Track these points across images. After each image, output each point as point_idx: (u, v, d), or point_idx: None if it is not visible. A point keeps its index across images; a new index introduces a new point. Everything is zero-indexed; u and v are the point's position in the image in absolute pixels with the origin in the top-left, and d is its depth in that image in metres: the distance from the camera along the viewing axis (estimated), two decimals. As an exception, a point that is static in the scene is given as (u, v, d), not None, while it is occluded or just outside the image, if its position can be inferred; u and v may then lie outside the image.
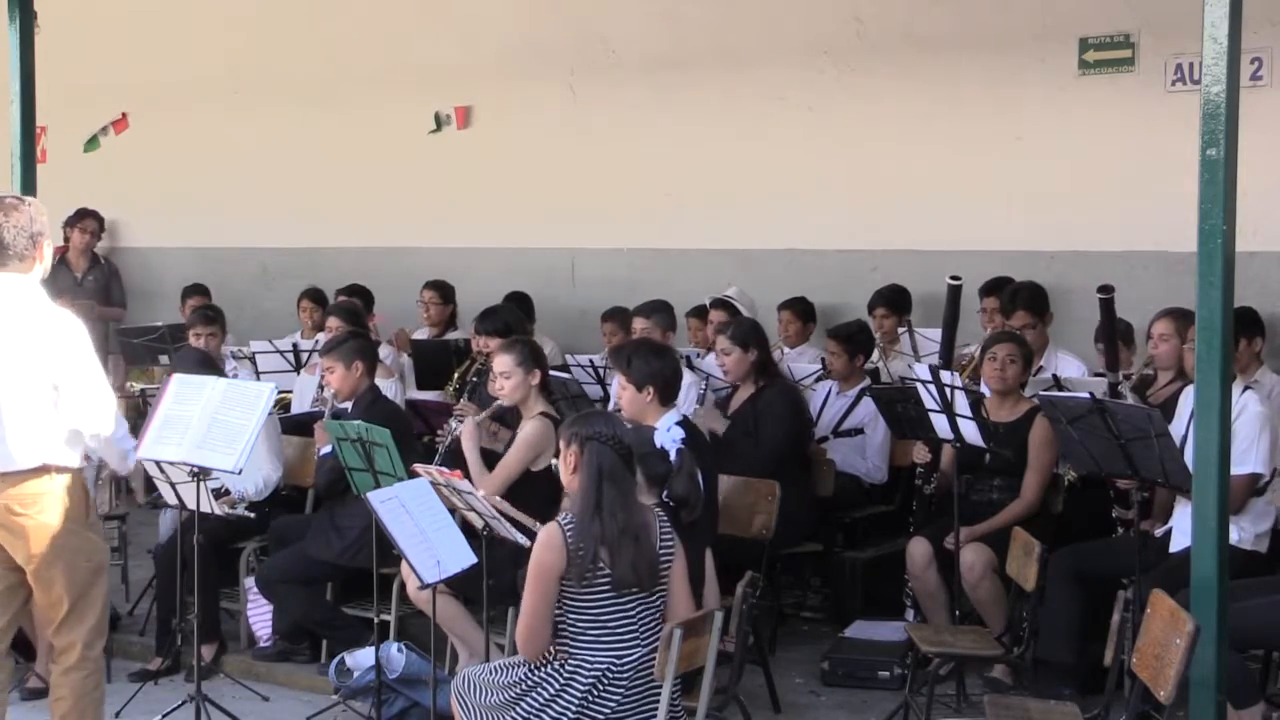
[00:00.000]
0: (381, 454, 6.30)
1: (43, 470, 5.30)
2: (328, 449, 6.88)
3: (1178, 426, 5.98)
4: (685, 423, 6.44)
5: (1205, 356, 4.94)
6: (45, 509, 5.30)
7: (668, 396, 6.39)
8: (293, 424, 8.01)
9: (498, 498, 5.83)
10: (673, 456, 5.55)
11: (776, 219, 9.81)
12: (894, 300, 8.92)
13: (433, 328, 9.94)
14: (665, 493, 5.43)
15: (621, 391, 6.40)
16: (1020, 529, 6.31)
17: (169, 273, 12.15)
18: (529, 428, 6.57)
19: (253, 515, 7.21)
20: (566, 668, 4.94)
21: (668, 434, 5.86)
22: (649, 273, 10.18)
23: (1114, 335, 6.86)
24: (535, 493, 6.25)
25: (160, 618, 7.30)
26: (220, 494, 7.01)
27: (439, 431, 7.06)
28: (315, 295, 10.26)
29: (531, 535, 5.34)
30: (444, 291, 9.98)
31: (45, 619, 5.52)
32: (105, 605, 5.58)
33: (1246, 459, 5.94)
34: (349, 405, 7.11)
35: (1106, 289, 6.74)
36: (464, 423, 6.74)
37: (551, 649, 5.01)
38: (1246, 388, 6.17)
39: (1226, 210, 4.85)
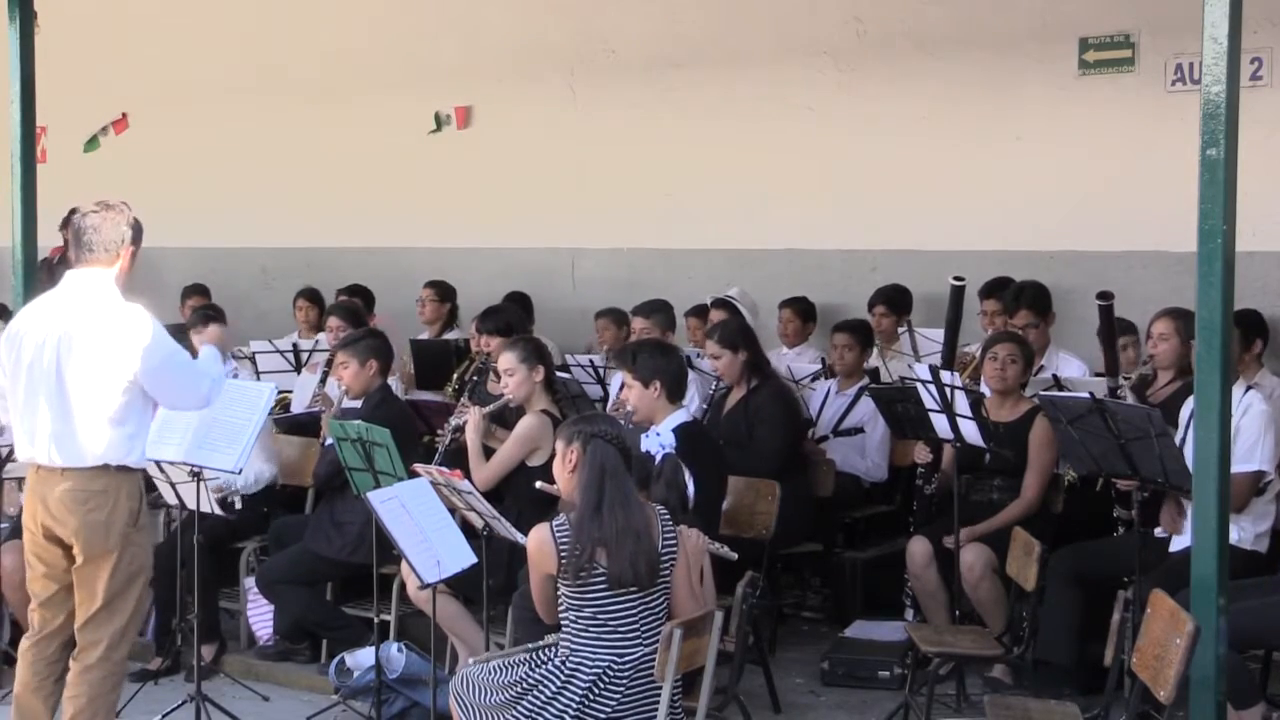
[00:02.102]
0: (381, 454, 6.29)
1: (104, 469, 5.36)
2: (331, 441, 6.87)
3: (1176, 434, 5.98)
4: (690, 425, 6.44)
5: (1205, 356, 4.94)
6: (100, 506, 5.35)
7: (675, 393, 6.41)
8: (293, 424, 8.01)
9: (476, 492, 5.81)
10: (657, 461, 5.53)
11: (776, 219, 9.81)
12: (894, 299, 8.92)
13: (429, 326, 9.94)
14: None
15: (628, 391, 6.40)
16: (1020, 529, 6.31)
17: (169, 273, 12.14)
18: (525, 422, 6.58)
19: (238, 506, 7.17)
20: (566, 666, 4.94)
21: (656, 439, 5.85)
22: (649, 273, 10.18)
23: (1114, 341, 6.86)
24: (531, 487, 6.23)
25: (160, 618, 7.30)
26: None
27: (439, 431, 7.06)
28: (311, 294, 10.27)
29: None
30: (442, 290, 9.98)
31: (78, 614, 5.51)
32: (138, 609, 5.59)
33: (1251, 457, 5.95)
34: (359, 403, 7.12)
35: (1106, 295, 6.74)
36: (470, 412, 6.73)
37: (552, 648, 5.03)
38: (1249, 387, 6.16)
39: (1226, 210, 4.85)
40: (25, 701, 5.53)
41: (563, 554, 4.90)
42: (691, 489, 5.55)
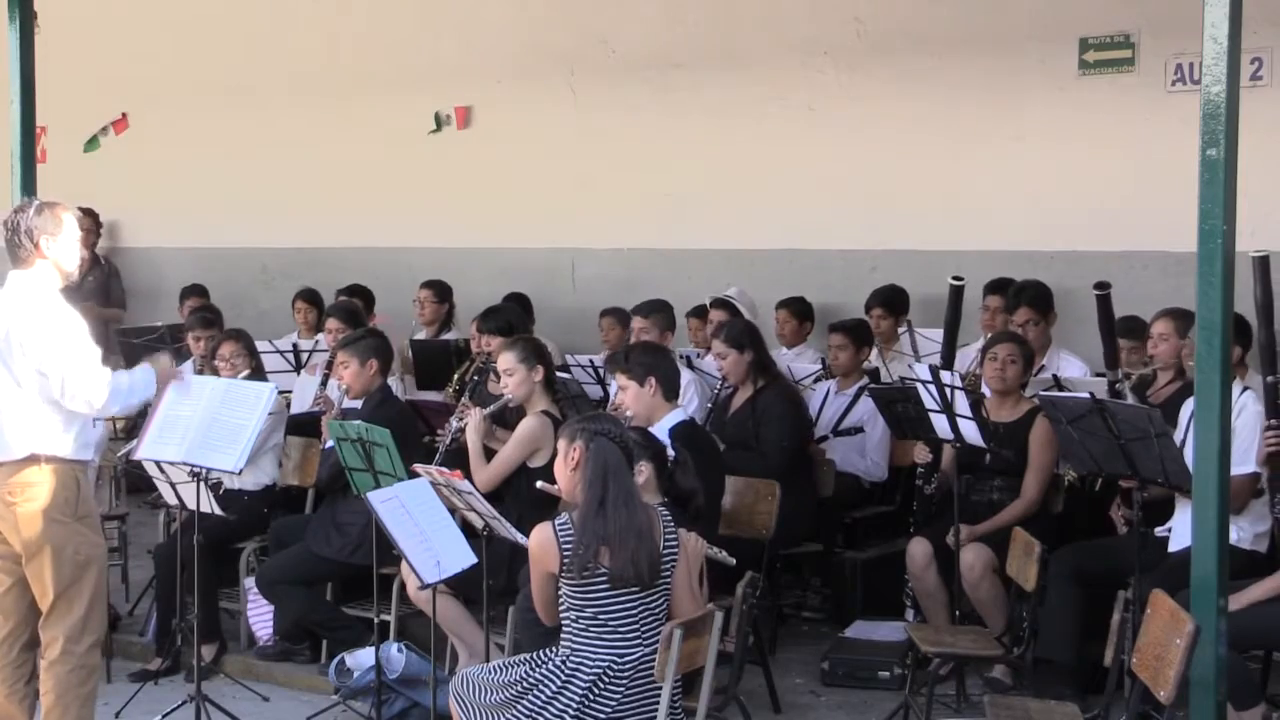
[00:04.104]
0: (381, 454, 6.30)
1: (32, 460, 5.39)
2: (332, 443, 6.87)
3: (1177, 434, 5.96)
4: (688, 424, 6.45)
5: (1205, 356, 4.94)
6: (34, 498, 5.39)
7: (671, 391, 6.42)
8: (293, 424, 8.01)
9: (477, 492, 5.80)
10: (670, 452, 5.55)
11: (776, 219, 9.82)
12: (891, 300, 8.92)
13: (427, 326, 9.94)
14: (665, 491, 5.42)
15: (623, 392, 6.40)
16: (1020, 529, 6.31)
17: (169, 273, 12.16)
18: (525, 424, 6.58)
19: (219, 480, 7.14)
20: (567, 666, 4.94)
21: (664, 432, 5.87)
22: (649, 273, 10.18)
23: (1112, 332, 6.85)
24: (531, 488, 6.24)
25: (160, 618, 7.31)
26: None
27: (439, 431, 7.06)
28: (309, 295, 10.26)
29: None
30: (439, 290, 9.97)
31: (40, 610, 5.54)
32: (96, 601, 5.59)
33: (1248, 459, 5.92)
34: (359, 403, 7.11)
35: (1103, 285, 6.73)
36: (471, 413, 6.73)
37: (552, 647, 5.03)
38: (1246, 388, 6.15)
39: (1226, 210, 4.85)
40: (1, 709, 5.53)
41: (565, 552, 4.90)
42: None
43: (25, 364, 5.38)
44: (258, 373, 7.69)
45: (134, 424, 8.07)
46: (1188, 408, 5.80)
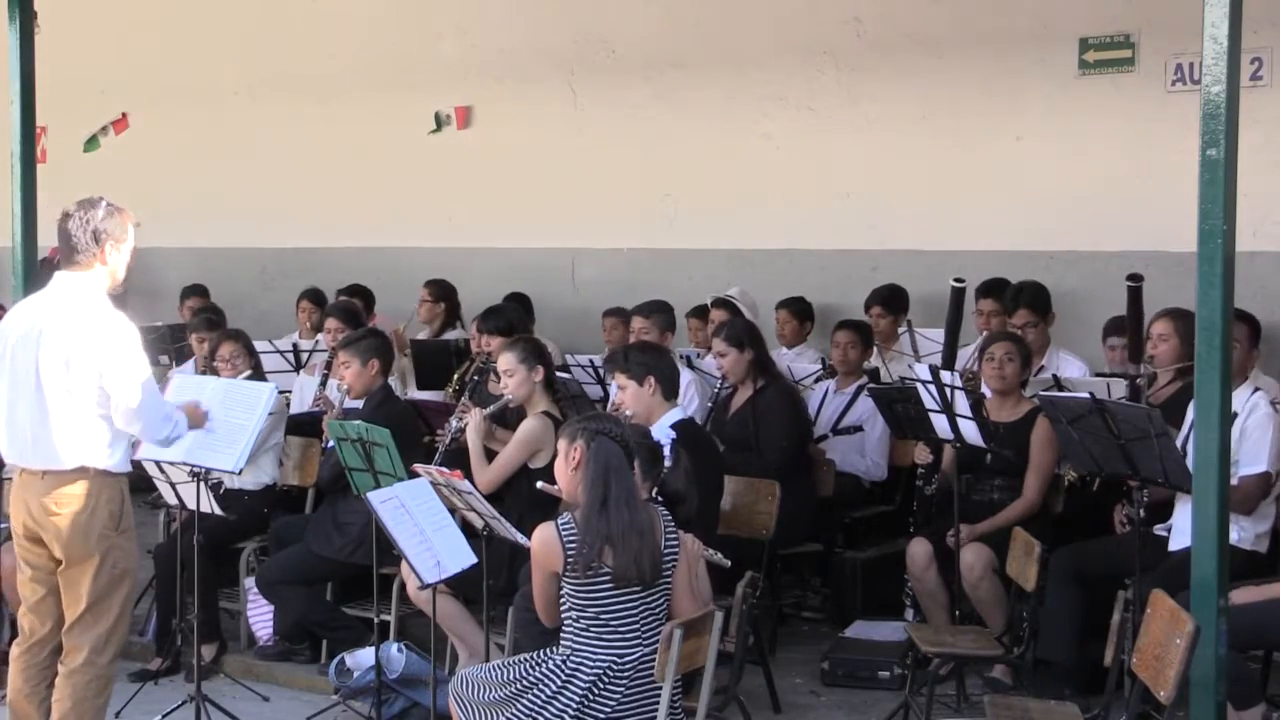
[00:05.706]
0: (381, 454, 6.30)
1: (82, 471, 5.33)
2: (333, 443, 6.87)
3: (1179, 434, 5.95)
4: (688, 424, 6.45)
5: (1205, 356, 4.94)
6: (80, 509, 5.33)
7: (670, 390, 6.42)
8: (293, 424, 8.01)
9: (477, 492, 5.79)
10: (667, 453, 5.55)
11: (776, 219, 9.82)
12: (890, 300, 8.93)
13: (427, 325, 9.93)
14: (656, 490, 5.41)
15: (622, 393, 6.41)
16: (1020, 529, 6.31)
17: (169, 273, 12.15)
18: (527, 425, 6.58)
19: (219, 480, 7.12)
20: (567, 665, 4.94)
21: (667, 430, 5.86)
22: (649, 273, 10.18)
23: (1141, 325, 6.81)
24: (532, 489, 6.24)
25: (160, 618, 7.31)
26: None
27: (439, 431, 7.06)
28: (314, 296, 10.27)
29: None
30: (435, 291, 9.95)
31: (66, 617, 5.49)
32: (124, 614, 5.55)
33: (1259, 459, 5.91)
34: (360, 403, 7.11)
35: (1136, 277, 6.70)
36: (471, 414, 6.73)
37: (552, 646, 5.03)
38: (1257, 388, 6.14)
39: (1226, 210, 4.85)
40: (19, 707, 5.52)
41: (569, 552, 4.90)
42: None
43: (83, 378, 5.27)
44: (257, 372, 7.70)
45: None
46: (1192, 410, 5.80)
